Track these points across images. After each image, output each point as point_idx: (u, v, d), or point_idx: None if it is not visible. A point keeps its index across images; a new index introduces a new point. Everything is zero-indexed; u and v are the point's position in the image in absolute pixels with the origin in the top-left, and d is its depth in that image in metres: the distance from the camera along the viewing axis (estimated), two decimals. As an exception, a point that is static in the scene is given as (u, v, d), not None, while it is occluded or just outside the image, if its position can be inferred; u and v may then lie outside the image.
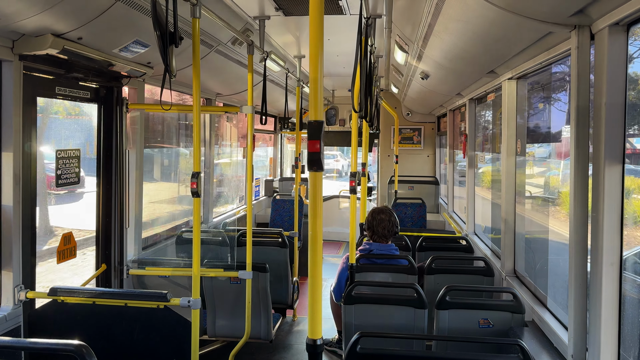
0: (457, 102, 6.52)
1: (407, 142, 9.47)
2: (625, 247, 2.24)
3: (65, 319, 2.98)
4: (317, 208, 1.83)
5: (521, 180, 4.02)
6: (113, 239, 4.02)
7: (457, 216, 7.07)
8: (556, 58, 2.98)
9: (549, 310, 3.26)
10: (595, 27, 2.28)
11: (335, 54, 6.32)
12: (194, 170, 2.92)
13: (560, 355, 2.79)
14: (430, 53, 3.98)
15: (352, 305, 3.28)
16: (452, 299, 3.14)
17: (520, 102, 3.94)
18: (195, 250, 2.93)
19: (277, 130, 10.01)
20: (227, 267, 4.07)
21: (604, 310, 2.24)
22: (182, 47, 3.48)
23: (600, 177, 2.24)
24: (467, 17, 2.76)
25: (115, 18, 2.87)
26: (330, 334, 4.94)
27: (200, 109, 3.01)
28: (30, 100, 3.14)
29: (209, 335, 4.34)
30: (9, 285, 3.00)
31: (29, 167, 3.13)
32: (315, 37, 1.73)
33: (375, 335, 2.55)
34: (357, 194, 3.80)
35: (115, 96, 3.93)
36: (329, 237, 10.04)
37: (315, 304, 1.88)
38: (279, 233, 5.17)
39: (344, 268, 4.15)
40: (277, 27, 4.82)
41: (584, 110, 2.42)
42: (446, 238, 5.33)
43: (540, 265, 3.74)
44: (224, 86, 5.73)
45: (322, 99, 1.79)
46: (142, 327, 2.95)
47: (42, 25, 2.68)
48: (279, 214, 7.94)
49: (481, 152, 5.87)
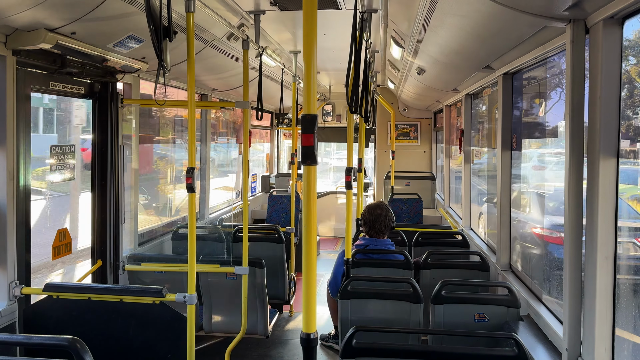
0: (454, 98, 6.52)
1: (403, 138, 9.47)
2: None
3: (61, 315, 2.98)
4: (311, 202, 1.82)
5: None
6: (108, 235, 4.00)
7: (453, 211, 7.08)
8: (551, 53, 2.98)
9: (544, 304, 3.27)
10: (590, 21, 2.28)
11: (331, 50, 6.30)
12: (189, 165, 2.91)
13: (555, 349, 2.80)
14: (426, 48, 3.97)
15: (348, 300, 3.29)
16: (447, 294, 3.15)
17: (516, 96, 3.94)
18: (190, 246, 2.93)
19: (273, 126, 9.99)
20: (223, 262, 4.06)
21: (599, 303, 2.24)
22: (177, 42, 3.46)
23: (595, 171, 2.24)
24: (463, 11, 2.76)
25: (109, 12, 2.85)
26: (326, 330, 4.95)
27: (195, 105, 3.00)
28: (24, 96, 3.12)
29: (205, 331, 4.34)
30: (4, 281, 2.99)
31: (23, 163, 3.12)
32: (309, 29, 1.72)
33: (371, 330, 2.56)
34: (353, 190, 3.79)
35: (109, 91, 3.91)
36: (325, 233, 10.05)
37: (310, 298, 1.88)
38: (275, 229, 5.17)
39: (340, 263, 4.15)
40: (272, 22, 4.80)
41: (578, 105, 2.42)
42: (442, 233, 5.34)
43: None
44: (220, 82, 5.71)
45: (315, 93, 1.78)
46: (138, 323, 2.95)
47: (36, 20, 2.66)
48: (276, 209, 7.93)
49: (478, 147, 5.88)
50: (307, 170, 1.79)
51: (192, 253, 2.90)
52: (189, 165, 2.90)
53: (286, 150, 11.27)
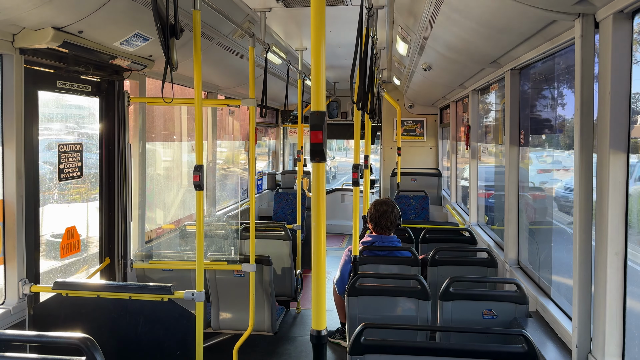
0: (460, 94, 6.49)
1: (409, 134, 9.44)
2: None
3: (70, 313, 2.99)
4: (320, 199, 1.82)
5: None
6: (117, 232, 4.02)
7: (460, 208, 7.06)
8: (559, 48, 2.96)
9: (552, 300, 3.26)
10: (599, 15, 2.26)
11: (337, 46, 6.29)
12: (197, 163, 2.91)
13: (564, 346, 2.79)
14: (432, 44, 3.95)
15: (355, 297, 3.28)
16: (455, 290, 3.14)
17: (523, 92, 3.92)
18: (198, 244, 2.93)
19: (278, 123, 9.99)
20: (230, 260, 4.07)
21: (609, 300, 2.23)
22: (183, 40, 3.46)
23: (604, 167, 2.22)
24: (470, 7, 2.74)
25: (115, 11, 2.85)
26: (332, 326, 4.95)
27: (202, 102, 3.00)
28: (32, 95, 3.13)
29: (213, 328, 4.36)
30: (13, 279, 3.01)
31: (31, 161, 3.13)
32: (317, 26, 1.71)
33: (379, 327, 2.56)
34: (360, 187, 3.79)
35: (116, 89, 3.92)
36: (331, 229, 10.04)
37: (319, 295, 1.88)
38: (282, 226, 5.17)
39: (347, 260, 4.15)
40: (278, 19, 4.80)
41: (588, 100, 2.40)
42: (449, 230, 5.33)
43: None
44: (226, 79, 5.71)
45: (324, 90, 1.77)
46: (147, 320, 2.96)
47: (43, 19, 2.67)
48: (282, 207, 7.94)
49: (484, 144, 5.85)
50: (315, 167, 1.78)
51: (200, 250, 2.91)
52: (197, 162, 2.90)
53: (292, 147, 11.26)
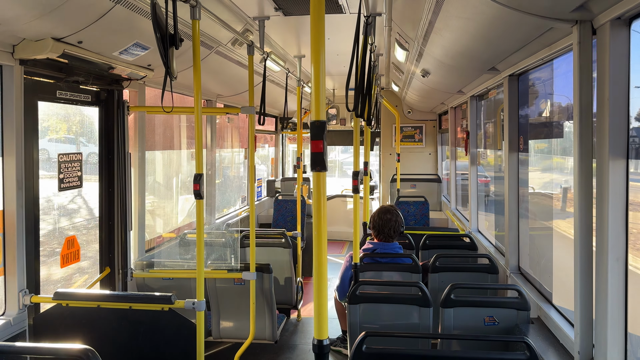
0: (459, 99, 6.51)
1: (408, 140, 9.46)
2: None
3: (70, 323, 2.98)
4: (322, 208, 1.82)
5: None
6: (116, 242, 4.01)
7: (460, 214, 7.06)
8: (557, 54, 2.97)
9: (554, 306, 3.25)
10: (596, 22, 2.27)
11: (336, 54, 6.30)
12: (197, 172, 2.91)
13: (566, 352, 2.78)
14: (430, 51, 3.97)
15: (356, 304, 3.27)
16: (456, 297, 3.13)
17: (522, 98, 3.93)
18: (199, 252, 2.93)
19: (278, 130, 10.00)
20: (230, 268, 4.07)
21: (610, 305, 2.23)
22: (183, 49, 3.47)
23: (604, 172, 2.23)
24: (468, 14, 2.75)
25: (115, 21, 2.86)
26: (333, 334, 4.93)
27: (202, 111, 3.00)
28: (32, 105, 3.14)
29: (214, 337, 4.34)
30: (13, 289, 3.00)
31: (31, 172, 3.13)
32: (317, 35, 1.72)
33: (381, 335, 2.55)
34: (360, 193, 3.79)
35: (116, 99, 3.93)
36: (331, 236, 10.03)
37: (321, 304, 1.87)
38: (282, 233, 5.16)
39: (348, 267, 4.14)
40: (276, 27, 4.81)
41: (586, 106, 2.41)
42: (449, 236, 5.32)
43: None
44: (225, 87, 5.72)
45: (324, 99, 1.78)
46: (147, 330, 2.95)
47: (42, 30, 2.68)
48: (282, 214, 7.93)
49: (483, 149, 5.86)
50: (316, 176, 1.78)
51: (200, 259, 2.90)
52: (197, 171, 2.90)
53: (291, 154, 11.27)
